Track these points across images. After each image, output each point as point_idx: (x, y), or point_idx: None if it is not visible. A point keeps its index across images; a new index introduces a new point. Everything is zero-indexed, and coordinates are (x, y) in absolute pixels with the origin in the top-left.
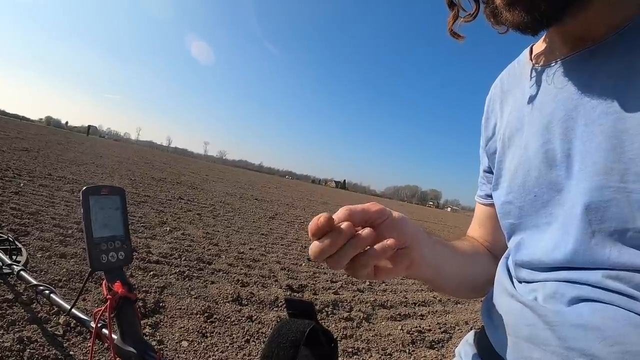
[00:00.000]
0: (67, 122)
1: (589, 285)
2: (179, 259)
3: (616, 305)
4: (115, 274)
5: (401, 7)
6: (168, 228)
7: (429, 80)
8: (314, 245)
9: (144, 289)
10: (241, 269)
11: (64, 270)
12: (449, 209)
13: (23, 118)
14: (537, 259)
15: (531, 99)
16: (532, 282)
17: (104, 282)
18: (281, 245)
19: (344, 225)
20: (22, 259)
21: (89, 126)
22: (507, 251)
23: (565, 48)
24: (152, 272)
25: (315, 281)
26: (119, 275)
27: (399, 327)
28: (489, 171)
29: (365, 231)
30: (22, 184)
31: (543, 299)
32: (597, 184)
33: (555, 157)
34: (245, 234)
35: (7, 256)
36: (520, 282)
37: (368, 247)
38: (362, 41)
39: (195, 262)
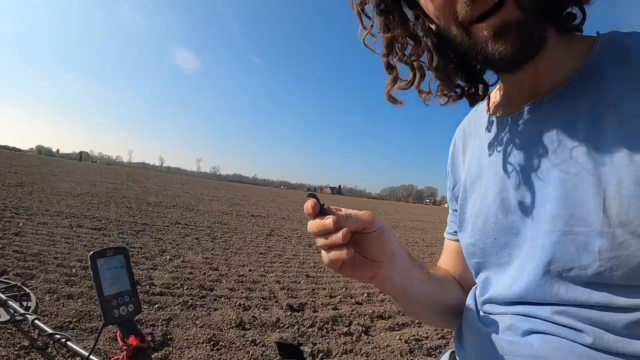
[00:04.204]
0: (58, 150)
1: (540, 319)
2: (181, 289)
3: (563, 337)
4: (128, 325)
5: None
6: (168, 257)
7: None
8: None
9: (150, 322)
10: (242, 292)
11: (73, 311)
12: (446, 205)
13: (14, 149)
14: (498, 294)
15: (488, 150)
16: (493, 314)
17: (117, 333)
18: (279, 263)
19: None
20: (32, 304)
21: (81, 153)
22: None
23: (518, 100)
24: (157, 305)
25: (315, 298)
26: (131, 327)
27: (397, 337)
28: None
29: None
30: (21, 224)
31: (501, 330)
32: (546, 229)
33: (511, 205)
34: (243, 254)
35: (18, 303)
36: (484, 313)
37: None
38: (350, 46)
39: (197, 290)
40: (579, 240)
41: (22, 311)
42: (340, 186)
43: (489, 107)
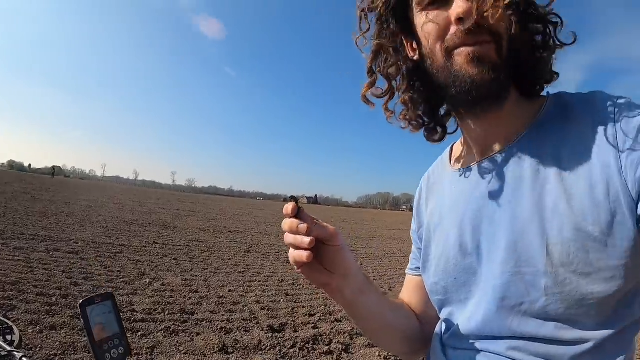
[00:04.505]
0: (30, 165)
1: (495, 354)
2: (162, 314)
3: None
4: None
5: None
6: (147, 280)
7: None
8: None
9: (135, 351)
10: (223, 314)
11: (57, 343)
12: None
13: None
14: (459, 329)
15: (449, 198)
16: (456, 349)
17: None
18: (259, 281)
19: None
20: (16, 337)
21: (54, 167)
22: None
23: (476, 154)
24: (140, 333)
25: (295, 318)
26: None
27: (377, 354)
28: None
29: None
30: None
31: None
32: (499, 270)
33: (468, 248)
34: (222, 274)
35: (2, 338)
36: (448, 347)
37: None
38: (326, 57)
39: (178, 314)
40: (527, 279)
41: (8, 348)
42: (316, 195)
43: (451, 160)
